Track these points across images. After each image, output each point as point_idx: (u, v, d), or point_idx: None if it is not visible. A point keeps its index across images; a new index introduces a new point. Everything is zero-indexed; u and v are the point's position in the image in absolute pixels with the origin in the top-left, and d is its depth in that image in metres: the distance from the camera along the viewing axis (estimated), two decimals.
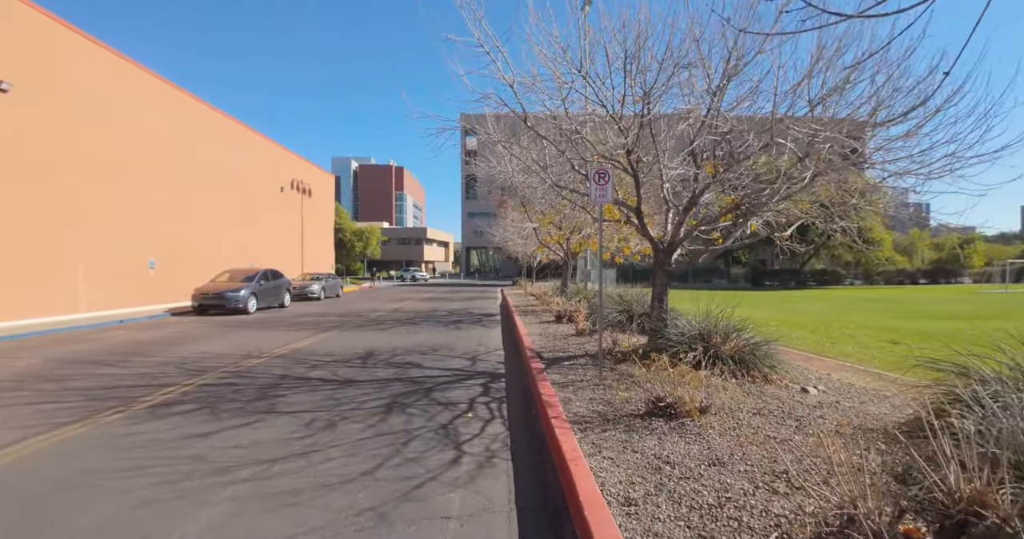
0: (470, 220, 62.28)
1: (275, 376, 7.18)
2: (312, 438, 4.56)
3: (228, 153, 23.54)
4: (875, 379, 6.79)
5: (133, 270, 17.37)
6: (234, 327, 13.28)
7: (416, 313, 17.32)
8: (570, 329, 10.73)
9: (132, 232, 17.41)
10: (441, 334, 11.66)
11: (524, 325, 11.72)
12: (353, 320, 14.93)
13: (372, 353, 9.09)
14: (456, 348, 9.51)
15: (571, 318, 11.66)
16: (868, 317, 16.29)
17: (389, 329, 12.70)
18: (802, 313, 17.81)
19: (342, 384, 6.68)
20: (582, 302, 13.77)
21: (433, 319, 15.21)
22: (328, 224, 36.85)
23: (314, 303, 22.25)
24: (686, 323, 7.30)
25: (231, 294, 16.48)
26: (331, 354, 9.01)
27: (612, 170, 6.00)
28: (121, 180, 17.01)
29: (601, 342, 6.15)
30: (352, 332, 12.13)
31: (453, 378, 6.93)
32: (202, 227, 21.32)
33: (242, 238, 24.33)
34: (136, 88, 17.87)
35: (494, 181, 15.14)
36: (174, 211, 19.66)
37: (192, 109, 21.11)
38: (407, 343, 10.25)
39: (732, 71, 6.07)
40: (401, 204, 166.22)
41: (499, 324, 13.88)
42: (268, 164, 27.42)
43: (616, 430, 4.26)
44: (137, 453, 4.25)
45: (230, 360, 8.44)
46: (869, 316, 16.60)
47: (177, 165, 19.86)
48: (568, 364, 7.10)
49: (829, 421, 4.61)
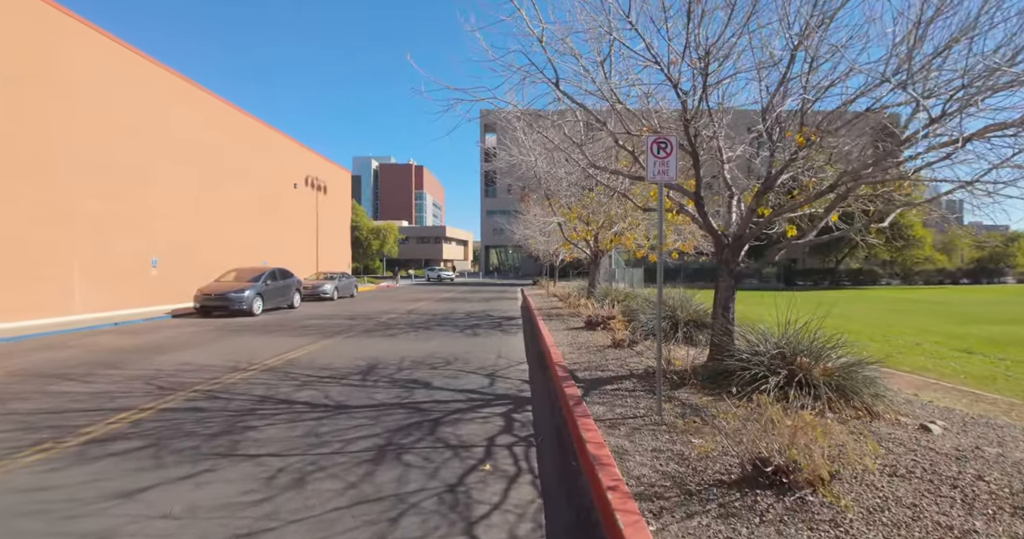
0: (489, 218, 61.06)
1: (254, 398, 5.95)
2: (270, 504, 3.28)
3: (239, 148, 22.69)
4: (974, 401, 5.58)
5: (135, 270, 16.52)
6: (233, 331, 12.21)
7: (431, 315, 16.08)
8: (605, 339, 9.30)
9: (135, 230, 16.57)
10: (456, 342, 10.35)
11: (550, 332, 10.33)
12: (363, 324, 13.75)
13: (375, 366, 7.82)
14: (472, 361, 8.18)
15: (605, 325, 10.24)
16: (925, 321, 14.51)
17: (399, 335, 11.44)
18: (851, 317, 16.08)
19: (330, 411, 5.40)
20: (615, 305, 12.32)
21: (449, 323, 13.93)
22: (344, 222, 35.98)
23: (326, 304, 21.22)
24: (759, 337, 5.82)
25: (235, 295, 15.48)
26: (328, 367, 7.77)
27: (674, 141, 4.56)
28: (122, 176, 16.16)
29: (660, 365, 4.71)
30: (358, 338, 10.91)
31: (467, 404, 5.60)
32: (211, 224, 20.47)
33: (254, 236, 23.48)
34: (141, 79, 17.02)
35: (516, 170, 13.79)
36: (181, 208, 18.82)
37: (201, 102, 20.26)
38: (417, 353, 8.96)
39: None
40: (421, 203, 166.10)
41: (521, 329, 12.52)
42: (282, 159, 26.55)
43: (706, 515, 2.84)
44: (21, 526, 3.02)
45: (210, 374, 7.26)
46: (925, 320, 14.80)
47: (185, 160, 19.01)
48: (612, 390, 5.69)
49: (994, 485, 3.19)
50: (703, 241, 13.68)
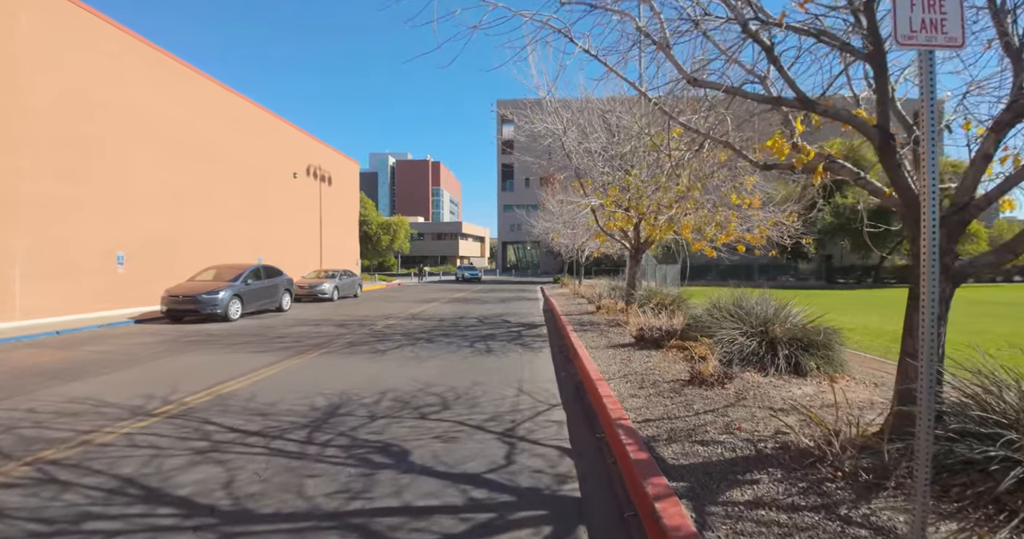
0: (506, 213, 58.36)
1: (88, 497, 3.39)
2: None
3: (231, 132, 20.42)
4: None
5: (96, 267, 14.30)
6: (190, 344, 9.81)
7: (438, 321, 13.50)
8: (674, 366, 6.54)
9: (98, 220, 14.36)
10: (462, 364, 7.73)
11: (590, 353, 7.63)
12: (352, 332, 11.23)
13: (336, 411, 5.24)
14: (480, 402, 5.53)
15: (669, 343, 7.51)
16: (1017, 326, 11.49)
17: (390, 352, 8.87)
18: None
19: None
20: (669, 313, 9.57)
21: (456, 332, 11.32)
22: (352, 216, 33.66)
23: (323, 306, 18.83)
24: (986, 386, 3.06)
25: (206, 296, 13.12)
26: (268, 412, 5.22)
27: None
28: (83, 156, 13.94)
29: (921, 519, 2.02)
30: (336, 357, 8.37)
31: (463, 524, 2.94)
32: (195, 216, 18.23)
33: (248, 231, 21.24)
34: (110, 50, 14.77)
35: (539, 144, 11.10)
36: (160, 197, 16.60)
37: (183, 78, 17.99)
38: (404, 385, 6.37)
39: None
40: (438, 199, 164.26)
41: (546, 343, 9.84)
42: (280, 147, 24.25)
43: None
44: None
45: (90, 424, 4.81)
46: (1016, 325, 11.75)
47: (164, 142, 16.77)
48: (744, 502, 2.96)
49: None
50: (774, 231, 10.85)
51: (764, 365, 6.37)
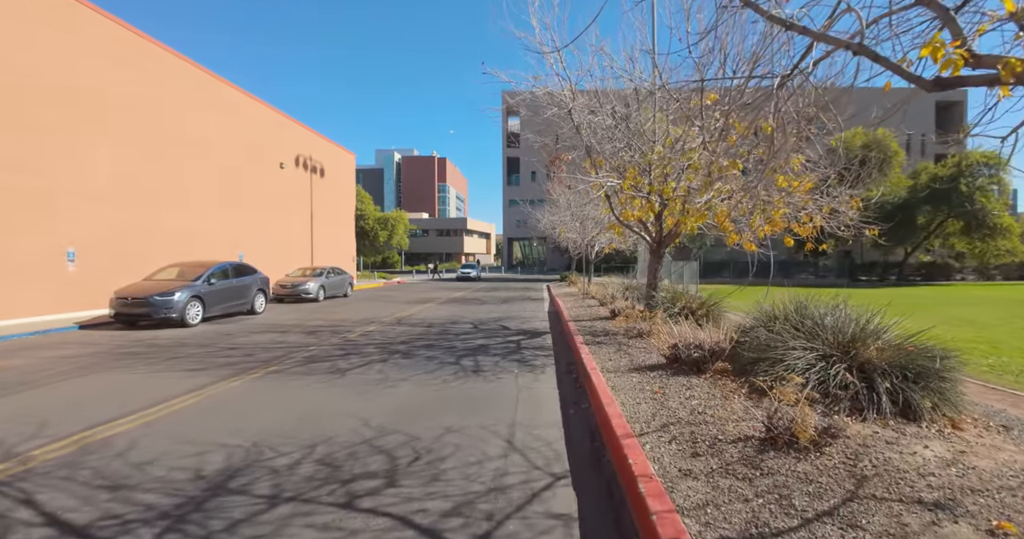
0: (512, 208, 56.44)
1: None
2: None
3: (208, 118, 18.70)
4: None
5: (40, 265, 12.63)
6: (117, 358, 8.09)
7: (426, 327, 11.70)
8: (737, 406, 4.64)
9: (47, 215, 12.69)
10: (437, 394, 5.90)
11: (609, 380, 5.76)
12: (321, 343, 9.46)
13: (225, 484, 3.42)
14: (448, 470, 3.68)
15: (708, 366, 5.64)
16: None
17: (352, 372, 7.06)
18: (983, 325, 11.30)
19: None
20: (703, 321, 7.69)
21: (443, 343, 9.51)
22: (347, 210, 31.88)
23: (304, 307, 17.09)
24: None
25: (159, 299, 11.40)
26: (122, 486, 3.43)
27: None
28: (31, 144, 12.27)
29: None
30: (280, 380, 6.57)
31: None
32: (163, 208, 16.55)
33: (228, 224, 19.55)
34: (57, 21, 13.06)
35: (539, 116, 9.20)
36: (121, 186, 14.92)
37: (153, 57, 16.26)
38: (346, 431, 4.54)
39: None
40: (444, 195, 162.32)
41: (551, 357, 7.99)
42: (265, 134, 22.50)
43: None
44: None
45: None
46: None
47: (129, 128, 15.09)
48: None
49: None
50: (830, 220, 8.92)
51: (858, 402, 4.49)
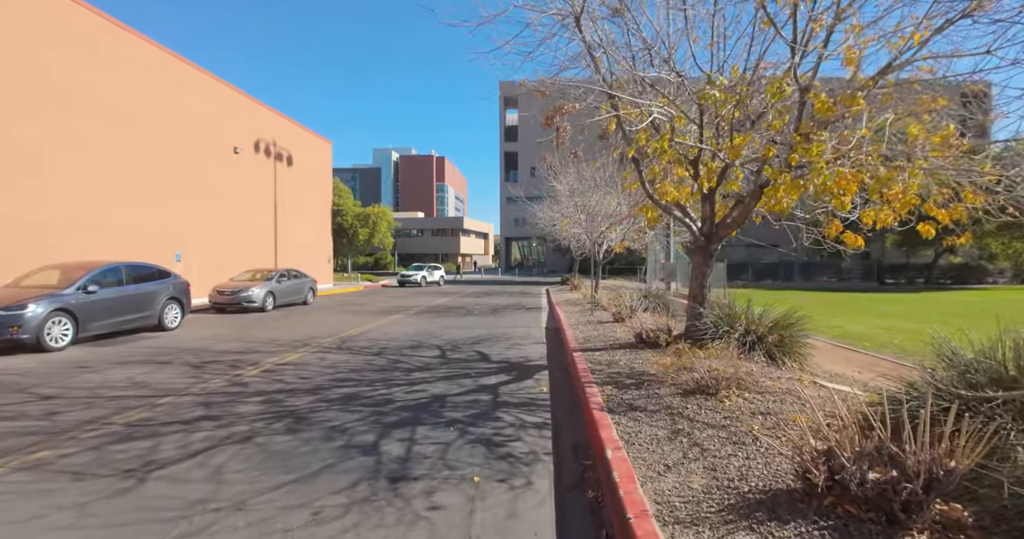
0: (510, 206, 53.11)
1: None
2: None
3: (139, 89, 15.40)
4: None
5: None
6: None
7: (373, 355, 8.36)
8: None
9: None
10: None
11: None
12: (185, 390, 6.11)
13: None
14: None
15: (915, 513, 2.28)
16: None
17: (154, 480, 3.72)
18: None
19: None
20: (800, 361, 4.41)
21: (377, 393, 6.15)
22: (323, 205, 28.47)
23: (242, 319, 13.73)
24: None
25: (2, 314, 8.11)
26: None
27: None
28: None
29: None
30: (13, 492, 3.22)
31: None
32: (76, 196, 13.26)
33: (160, 217, 16.25)
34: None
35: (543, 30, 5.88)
36: (11, 166, 11.64)
37: (55, 6, 12.99)
38: None
39: None
40: (442, 195, 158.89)
41: (545, 429, 4.64)
42: (213, 114, 19.19)
43: None
44: None
45: None
46: None
47: (26, 94, 11.81)
48: None
49: None
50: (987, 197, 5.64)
51: None
